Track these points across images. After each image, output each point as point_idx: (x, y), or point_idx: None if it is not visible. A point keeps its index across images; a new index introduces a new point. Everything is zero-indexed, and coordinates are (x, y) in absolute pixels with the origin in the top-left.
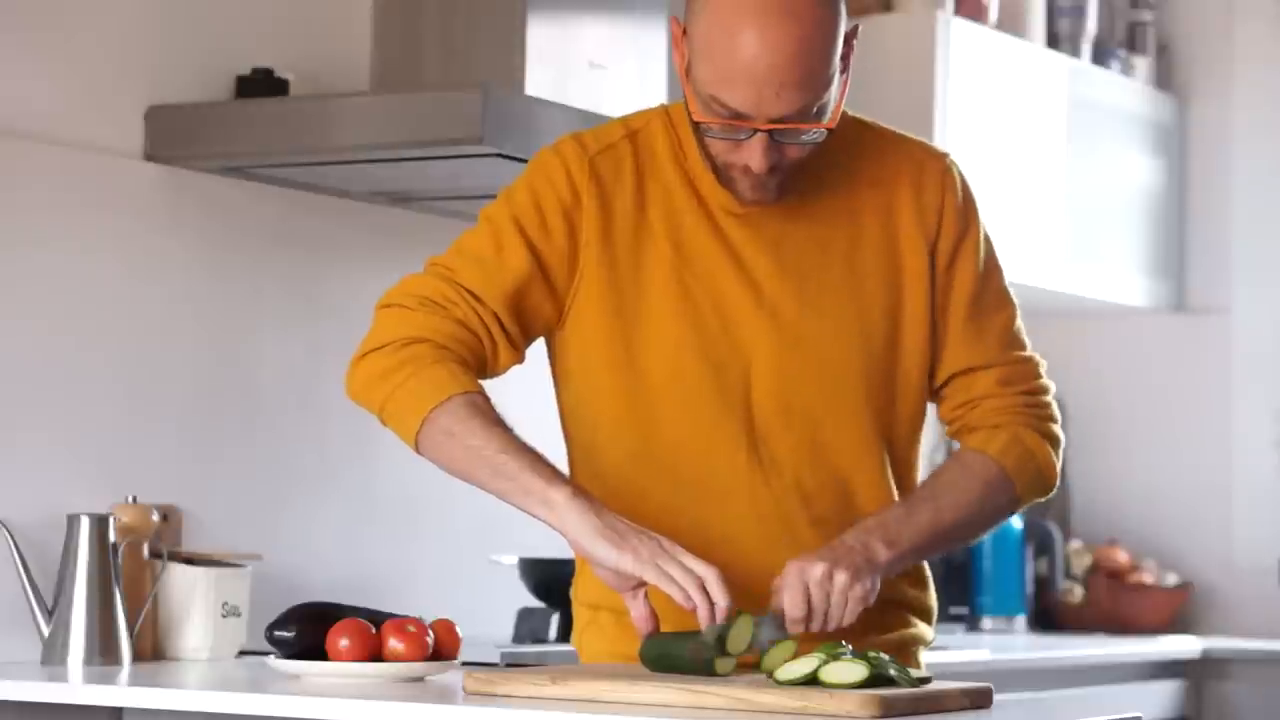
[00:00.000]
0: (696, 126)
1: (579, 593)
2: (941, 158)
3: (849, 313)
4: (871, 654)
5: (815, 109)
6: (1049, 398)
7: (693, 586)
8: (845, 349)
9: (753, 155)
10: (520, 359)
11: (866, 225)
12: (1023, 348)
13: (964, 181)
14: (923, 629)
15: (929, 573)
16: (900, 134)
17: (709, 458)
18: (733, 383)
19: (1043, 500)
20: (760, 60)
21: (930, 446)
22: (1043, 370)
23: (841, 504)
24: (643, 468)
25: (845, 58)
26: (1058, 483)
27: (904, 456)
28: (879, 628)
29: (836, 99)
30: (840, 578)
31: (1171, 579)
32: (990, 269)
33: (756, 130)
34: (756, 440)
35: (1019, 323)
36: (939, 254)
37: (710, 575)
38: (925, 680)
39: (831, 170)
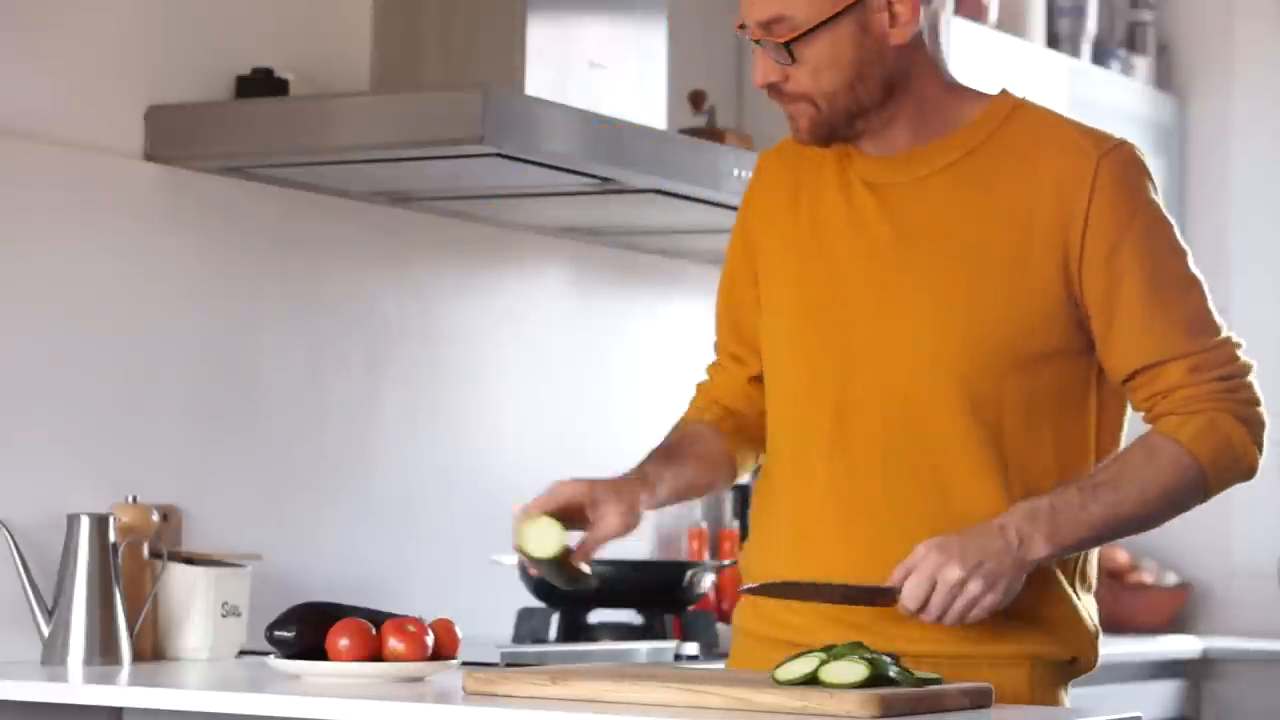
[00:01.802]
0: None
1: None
2: (1095, 149)
3: (958, 290)
4: (872, 654)
5: (786, 25)
6: (1250, 378)
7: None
8: (945, 326)
9: (755, 68)
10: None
11: (999, 207)
12: (1214, 333)
13: (1127, 171)
14: (1045, 646)
15: (1065, 583)
16: (1066, 120)
17: (801, 429)
18: (833, 352)
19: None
20: None
21: None
22: (1240, 351)
23: (929, 482)
24: (772, 451)
25: None
26: (1259, 467)
27: (1019, 450)
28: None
29: (810, 24)
30: (974, 588)
31: (1171, 579)
32: (1166, 256)
33: (750, 39)
34: (847, 407)
35: (1209, 306)
36: (1090, 249)
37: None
38: (930, 681)
39: (976, 146)
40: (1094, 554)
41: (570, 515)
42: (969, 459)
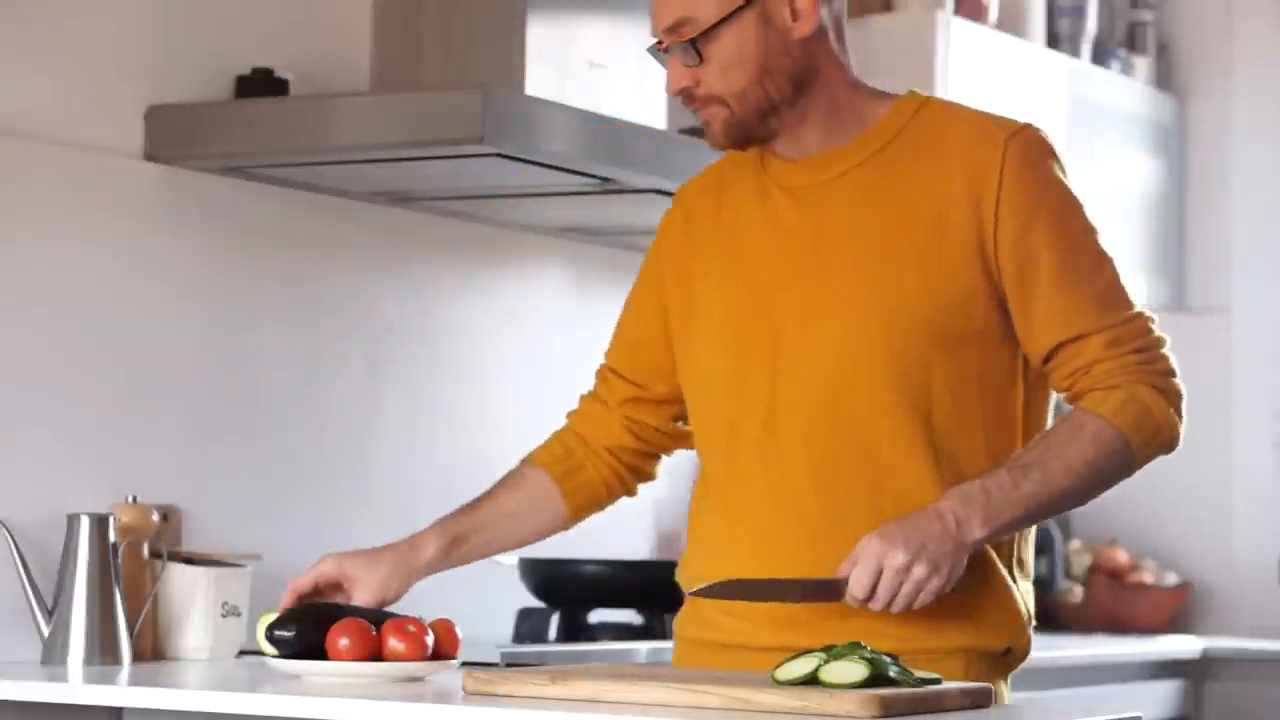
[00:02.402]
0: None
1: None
2: (1002, 133)
3: (873, 281)
4: (872, 654)
5: (690, 26)
6: (1164, 350)
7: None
8: (865, 316)
9: (667, 76)
10: (678, 412)
11: (912, 199)
12: (1128, 307)
13: (1032, 151)
14: (979, 638)
15: (1003, 568)
16: (974, 110)
17: (732, 434)
18: (759, 355)
19: (1166, 456)
20: None
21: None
22: (1154, 325)
23: (863, 472)
24: (708, 462)
25: None
26: (1180, 438)
27: (948, 435)
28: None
29: (712, 22)
30: (919, 571)
31: (1171, 579)
32: (1078, 233)
33: (660, 50)
34: (776, 408)
35: (1120, 281)
36: (1003, 231)
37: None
38: (930, 681)
39: (887, 143)
40: (1030, 540)
41: (331, 591)
42: (899, 444)
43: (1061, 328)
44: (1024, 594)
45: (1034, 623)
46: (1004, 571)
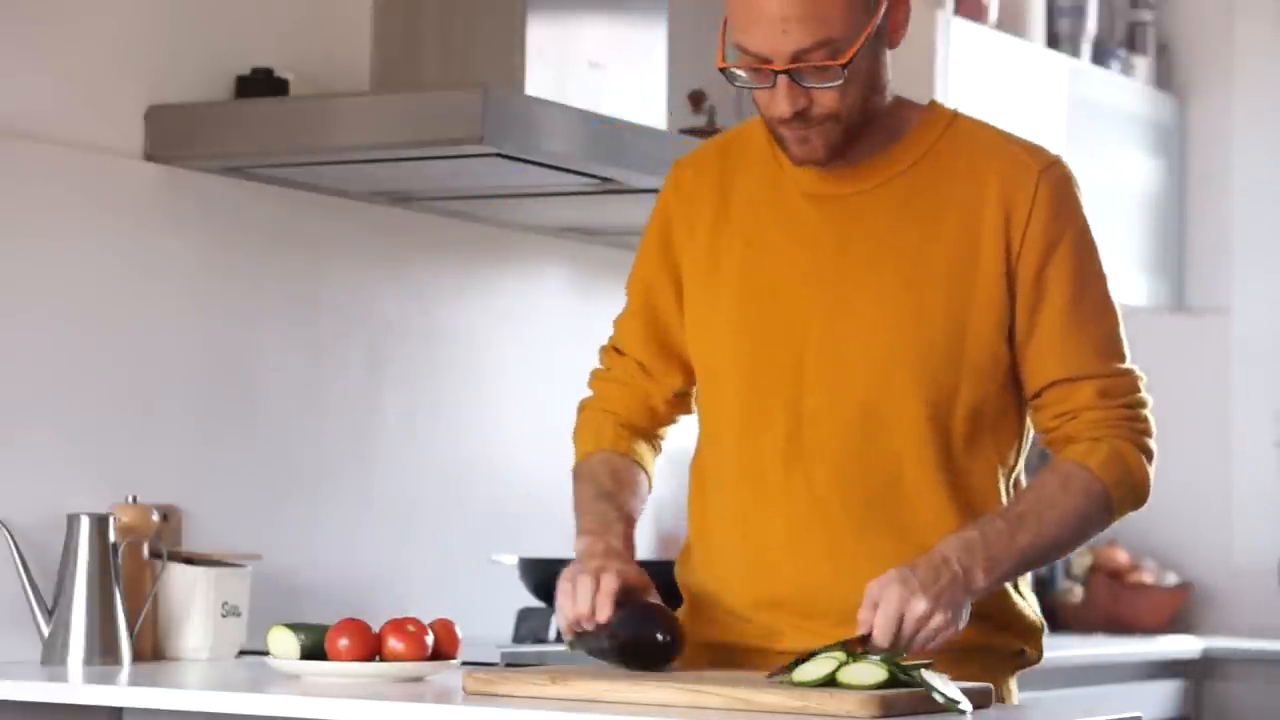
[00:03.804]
0: (724, 74)
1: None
2: (1036, 164)
3: (906, 301)
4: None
5: (830, 49)
6: (1147, 411)
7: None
8: (897, 336)
9: (778, 101)
10: (682, 386)
11: (945, 218)
12: (1123, 359)
13: (1062, 188)
14: (998, 638)
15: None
16: (1003, 133)
17: (750, 442)
18: (782, 366)
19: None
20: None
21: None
22: (1143, 385)
23: (886, 489)
24: (713, 460)
25: (877, 4)
26: (1149, 497)
27: (964, 462)
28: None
29: (856, 41)
30: (938, 620)
31: (1171, 579)
32: (1090, 278)
33: (775, 73)
34: (801, 419)
35: (1121, 334)
36: (1024, 261)
37: (592, 587)
38: (954, 703)
39: (919, 158)
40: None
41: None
42: (924, 467)
43: (1059, 366)
44: (1031, 604)
45: (1045, 630)
46: (1009, 586)
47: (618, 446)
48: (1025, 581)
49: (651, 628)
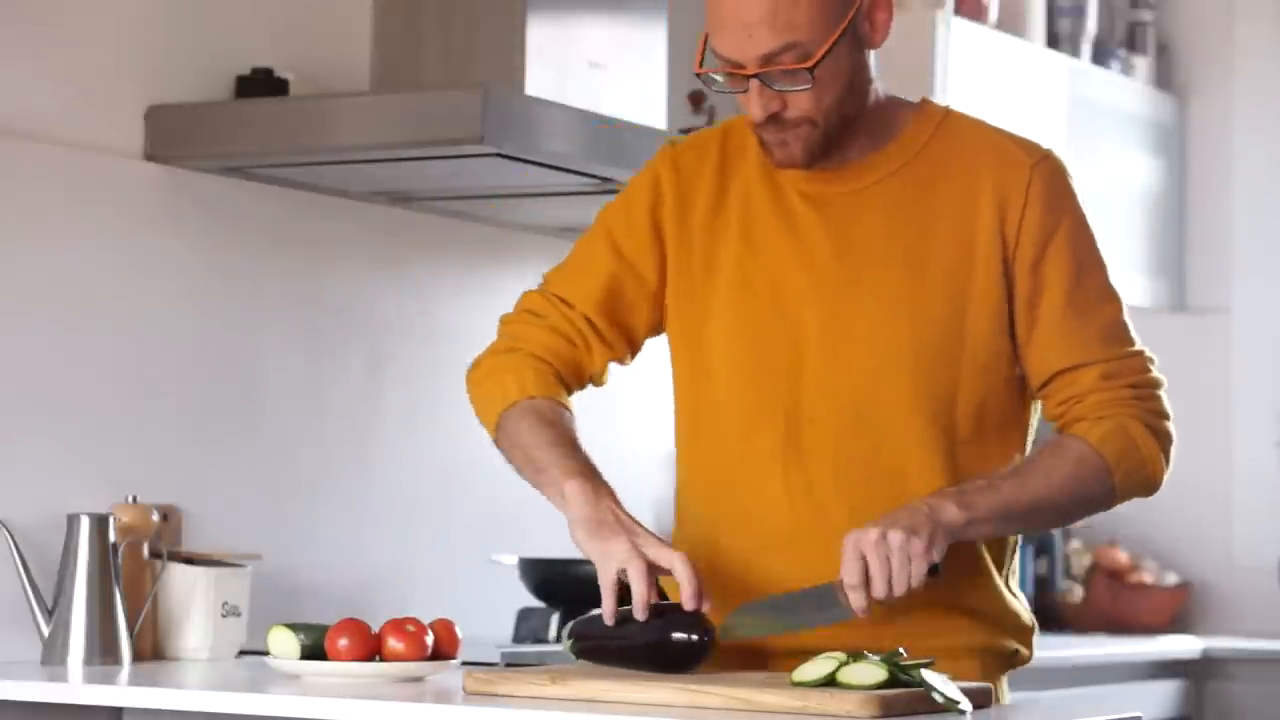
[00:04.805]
0: (700, 79)
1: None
2: (1028, 158)
3: (904, 300)
4: (895, 658)
5: (798, 52)
6: (1160, 392)
7: (641, 583)
8: (895, 335)
9: (751, 105)
10: (620, 358)
11: (941, 215)
12: (1129, 344)
13: (1056, 181)
14: (988, 639)
15: (1000, 581)
16: (996, 129)
17: (748, 441)
18: (781, 363)
19: (1145, 498)
20: (734, 3)
21: None
22: (1153, 365)
23: (889, 490)
24: (699, 457)
25: (848, 8)
26: (1163, 480)
27: (969, 461)
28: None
29: (824, 44)
30: (895, 537)
31: (1171, 579)
32: (1088, 267)
33: (747, 77)
34: (800, 421)
35: (1125, 319)
36: (1020, 255)
37: (676, 562)
38: (954, 703)
39: (912, 157)
40: (1015, 568)
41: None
42: (925, 465)
43: (1061, 356)
44: (1024, 605)
45: (1037, 631)
46: (1000, 584)
47: (558, 397)
48: (1016, 580)
49: (688, 628)
